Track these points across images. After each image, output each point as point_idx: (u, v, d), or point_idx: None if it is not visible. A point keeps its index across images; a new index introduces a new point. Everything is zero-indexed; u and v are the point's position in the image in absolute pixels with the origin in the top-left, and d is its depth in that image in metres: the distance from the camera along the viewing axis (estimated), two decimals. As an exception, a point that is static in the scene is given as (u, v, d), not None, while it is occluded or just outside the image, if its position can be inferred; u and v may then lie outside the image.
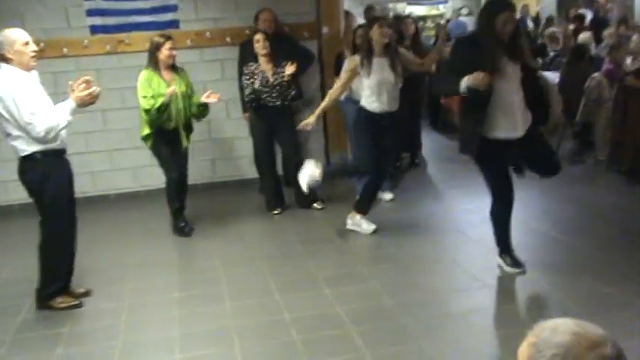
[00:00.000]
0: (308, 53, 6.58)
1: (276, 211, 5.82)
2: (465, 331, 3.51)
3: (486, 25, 3.69)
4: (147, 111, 4.97)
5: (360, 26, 6.13)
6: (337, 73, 6.10)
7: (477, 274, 4.13)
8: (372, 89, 4.91)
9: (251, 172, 6.43)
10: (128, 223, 5.86)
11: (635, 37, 7.37)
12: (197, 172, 6.55)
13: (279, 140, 5.84)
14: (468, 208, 5.49)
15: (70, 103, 3.76)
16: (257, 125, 5.74)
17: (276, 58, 5.70)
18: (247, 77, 5.54)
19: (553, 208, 5.48)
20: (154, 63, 5.07)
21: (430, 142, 8.21)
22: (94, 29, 6.29)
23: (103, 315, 3.99)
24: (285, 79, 5.52)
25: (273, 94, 5.53)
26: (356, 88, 5.28)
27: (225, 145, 6.65)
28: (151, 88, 4.99)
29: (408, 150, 7.34)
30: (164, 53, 5.05)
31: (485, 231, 4.38)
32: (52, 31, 6.11)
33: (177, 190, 5.31)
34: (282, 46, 6.23)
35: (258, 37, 5.54)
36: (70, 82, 3.80)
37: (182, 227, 5.35)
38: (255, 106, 5.60)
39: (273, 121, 5.64)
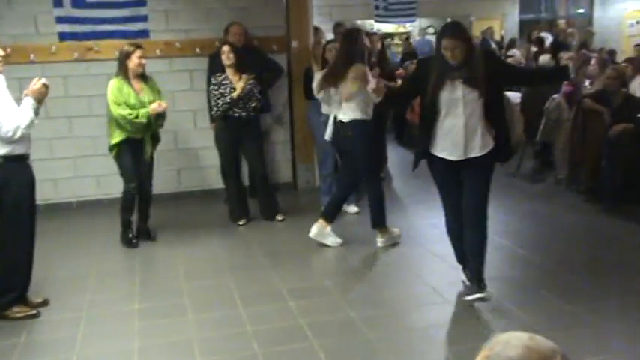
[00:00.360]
0: (277, 66, 6.63)
1: (240, 222, 5.82)
2: (427, 346, 3.55)
3: (437, 48, 3.81)
4: (124, 117, 4.95)
5: (329, 41, 6.20)
6: (306, 87, 6.17)
7: (439, 289, 4.20)
8: (370, 99, 4.79)
9: (217, 182, 6.43)
10: (90, 231, 5.78)
11: (593, 61, 7.60)
12: (163, 182, 6.52)
13: (244, 151, 5.85)
14: (432, 222, 5.56)
15: (28, 100, 3.80)
16: (222, 135, 5.75)
17: (245, 70, 5.72)
18: (215, 87, 5.56)
19: (515, 225, 5.59)
20: (123, 72, 5.05)
21: (396, 157, 8.30)
22: (63, 36, 6.25)
23: (61, 326, 3.92)
24: (235, 94, 5.51)
25: (239, 106, 5.56)
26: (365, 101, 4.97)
27: (191, 155, 6.63)
28: (122, 96, 4.97)
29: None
30: (134, 62, 5.03)
31: (448, 246, 4.45)
32: (19, 37, 6.05)
33: (134, 201, 5.29)
34: (251, 59, 6.27)
35: (225, 48, 5.57)
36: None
37: (130, 239, 5.31)
38: (221, 116, 5.60)
39: (238, 131, 5.65)
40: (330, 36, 7.91)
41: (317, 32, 7.19)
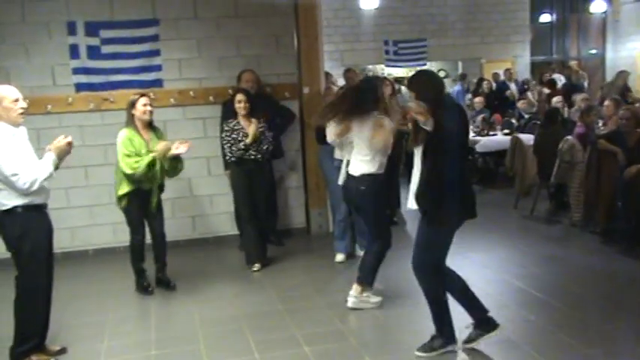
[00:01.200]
0: (289, 113, 6.72)
1: (255, 267, 5.80)
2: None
3: None
4: (134, 169, 4.95)
5: (342, 87, 6.29)
6: (318, 132, 6.23)
7: (459, 335, 4.13)
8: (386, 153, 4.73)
9: (231, 228, 6.46)
10: (106, 279, 5.80)
11: (607, 102, 7.62)
12: (177, 228, 6.56)
13: (254, 195, 5.83)
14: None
15: (49, 155, 3.86)
16: (238, 179, 5.76)
17: (255, 115, 5.82)
18: (228, 134, 5.62)
19: (531, 268, 5.54)
20: (132, 121, 5.09)
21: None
22: (79, 87, 6.39)
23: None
24: (249, 140, 5.56)
25: (252, 149, 5.61)
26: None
27: (205, 201, 6.68)
28: (133, 147, 5.00)
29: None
30: (139, 109, 5.05)
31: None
32: (36, 89, 6.19)
33: (142, 251, 5.30)
34: (264, 105, 6.37)
35: (240, 97, 5.64)
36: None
37: (145, 286, 5.31)
38: (235, 161, 5.65)
39: (252, 174, 5.70)
40: (341, 81, 8.05)
41: (328, 77, 7.31)
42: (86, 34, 6.34)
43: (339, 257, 5.98)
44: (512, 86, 13.09)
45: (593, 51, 16.48)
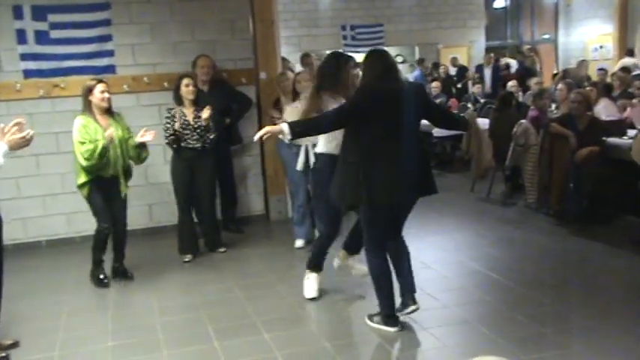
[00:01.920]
0: (245, 99, 6.66)
1: (186, 258, 5.74)
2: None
3: None
4: (87, 158, 4.82)
5: (299, 73, 6.26)
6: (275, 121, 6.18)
7: (414, 317, 4.18)
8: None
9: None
10: (61, 270, 5.68)
11: (560, 86, 7.77)
12: (134, 217, 6.42)
13: (197, 183, 5.77)
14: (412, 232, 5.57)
15: (2, 147, 3.68)
16: (177, 166, 5.66)
17: (215, 103, 5.74)
18: (168, 119, 5.51)
19: (487, 249, 5.64)
20: (88, 108, 4.97)
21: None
22: (28, 73, 6.20)
23: (32, 367, 3.83)
24: (204, 122, 5.51)
25: (194, 137, 5.53)
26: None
27: (162, 189, 6.58)
28: (88, 134, 4.87)
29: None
30: (96, 96, 4.93)
31: (423, 274, 4.46)
32: (-18, 75, 5.99)
33: (106, 241, 5.17)
34: (220, 91, 6.30)
35: (188, 81, 5.53)
36: (1, 126, 3.71)
37: (101, 278, 5.19)
38: (175, 147, 5.55)
39: (193, 162, 5.60)
40: (298, 67, 8.01)
41: (284, 63, 7.26)
42: (33, 19, 6.13)
43: (299, 243, 5.97)
44: (487, 71, 13.20)
45: (546, 36, 16.79)
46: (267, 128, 3.85)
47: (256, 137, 3.80)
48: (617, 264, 5.12)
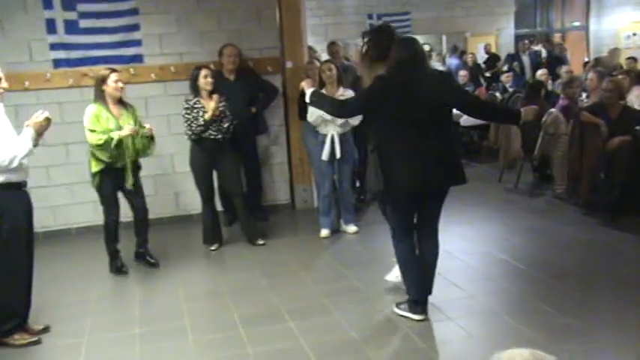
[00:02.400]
0: (272, 88, 6.66)
1: (212, 247, 5.76)
2: (428, 363, 3.53)
3: None
4: (99, 146, 4.85)
5: (325, 61, 6.24)
6: (301, 107, 6.18)
7: (440, 307, 4.17)
8: None
9: (217, 204, 6.42)
10: (89, 257, 5.75)
11: (591, 75, 7.63)
12: (160, 205, 6.52)
13: (220, 174, 5.77)
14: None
15: (28, 131, 3.79)
16: (196, 158, 5.62)
17: (241, 92, 5.73)
18: (188, 111, 5.45)
19: (514, 240, 5.58)
20: (101, 97, 4.96)
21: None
22: (57, 63, 6.27)
23: (62, 352, 3.90)
24: (214, 113, 5.41)
25: (214, 127, 5.50)
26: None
27: (189, 178, 6.61)
28: (100, 124, 4.87)
29: (372, 183, 7.41)
30: (110, 86, 4.93)
31: (448, 264, 4.44)
32: (13, 65, 6.05)
33: (116, 231, 5.22)
34: (246, 80, 6.30)
35: (206, 72, 5.47)
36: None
37: (119, 267, 5.25)
38: (195, 139, 5.52)
39: (214, 153, 5.58)
40: (324, 55, 7.98)
41: (311, 52, 7.24)
42: (63, 8, 6.20)
43: (324, 232, 5.98)
44: (525, 58, 13.00)
45: (577, 23, 16.48)
46: (303, 84, 4.20)
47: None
48: (648, 255, 5.03)
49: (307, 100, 4.12)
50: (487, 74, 12.99)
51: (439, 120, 3.83)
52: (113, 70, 5.03)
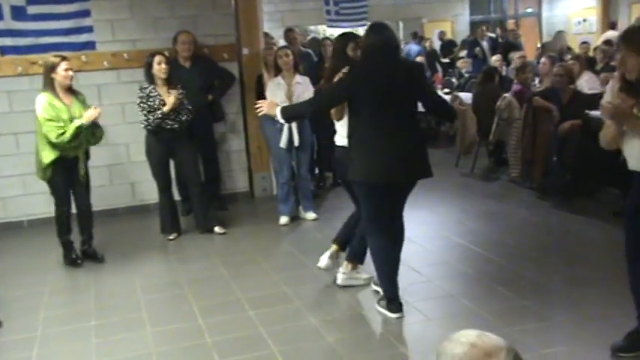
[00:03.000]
0: (228, 75, 6.59)
1: (171, 237, 5.71)
2: (387, 347, 3.56)
3: None
4: (57, 136, 4.70)
5: (282, 47, 6.20)
6: (258, 94, 6.14)
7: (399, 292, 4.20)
8: None
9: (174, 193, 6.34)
10: (42, 250, 5.62)
11: (543, 60, 7.77)
12: (117, 195, 6.42)
13: (177, 163, 5.71)
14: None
15: None
16: (154, 148, 5.53)
17: (196, 79, 5.65)
18: (143, 100, 5.33)
19: (470, 224, 5.66)
20: (50, 85, 4.79)
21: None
22: (5, 50, 6.08)
23: (15, 347, 3.81)
24: (173, 107, 5.31)
25: (171, 117, 5.38)
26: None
27: (144, 167, 6.51)
28: (54, 112, 4.72)
29: (331, 169, 7.42)
30: (60, 74, 4.76)
31: (406, 249, 4.44)
32: (-42, 52, 5.87)
33: (68, 222, 5.10)
34: (202, 67, 6.22)
35: (160, 58, 5.34)
36: None
37: (74, 259, 5.14)
38: (151, 130, 5.41)
39: (170, 143, 5.50)
40: (281, 42, 7.92)
41: (267, 38, 7.18)
42: (10, -6, 6.01)
43: (283, 220, 5.97)
44: (484, 44, 13.12)
45: (530, 10, 16.75)
46: (264, 110, 3.98)
47: (260, 113, 4.04)
48: (599, 236, 5.16)
49: (281, 121, 4.04)
50: (444, 60, 13.11)
51: (409, 110, 3.77)
52: (63, 58, 4.87)
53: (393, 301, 3.90)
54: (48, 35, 6.13)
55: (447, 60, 13.14)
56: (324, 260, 4.52)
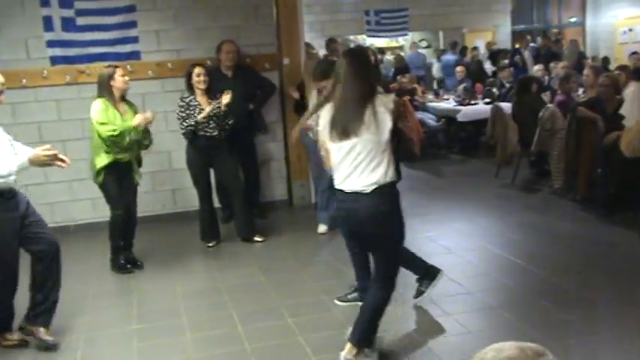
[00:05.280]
0: (269, 84, 6.65)
1: (210, 244, 5.78)
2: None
3: None
4: (111, 137, 4.84)
5: (325, 56, 6.23)
6: (297, 104, 6.19)
7: (438, 302, 4.18)
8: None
9: (214, 201, 6.42)
10: (87, 254, 5.76)
11: (586, 71, 7.64)
12: (158, 202, 6.54)
13: (218, 172, 5.79)
14: (428, 235, 5.55)
15: (22, 158, 3.67)
16: (193, 156, 5.61)
17: (238, 88, 5.73)
18: (182, 109, 5.45)
19: (511, 236, 5.59)
20: (109, 93, 4.95)
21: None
22: (54, 60, 6.26)
23: (61, 349, 3.89)
24: (222, 108, 5.45)
25: (211, 125, 5.48)
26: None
27: (186, 175, 6.61)
28: (107, 117, 4.87)
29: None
30: (118, 80, 4.94)
31: (446, 258, 4.44)
32: (10, 62, 6.06)
33: (123, 227, 5.20)
34: (244, 77, 6.30)
35: (199, 70, 5.47)
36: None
37: (123, 264, 5.23)
38: (190, 138, 5.51)
39: (210, 151, 5.57)
40: (322, 52, 7.97)
41: (308, 48, 7.23)
42: (60, 6, 6.19)
43: (322, 228, 5.98)
44: (526, 53, 13.01)
45: (574, 19, 16.49)
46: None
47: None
48: (645, 250, 5.04)
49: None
50: (492, 68, 12.97)
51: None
52: (117, 66, 5.06)
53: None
54: (95, 45, 6.30)
55: (494, 68, 13.00)
56: None
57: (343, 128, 3.14)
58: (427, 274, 4.15)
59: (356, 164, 3.18)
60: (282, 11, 6.76)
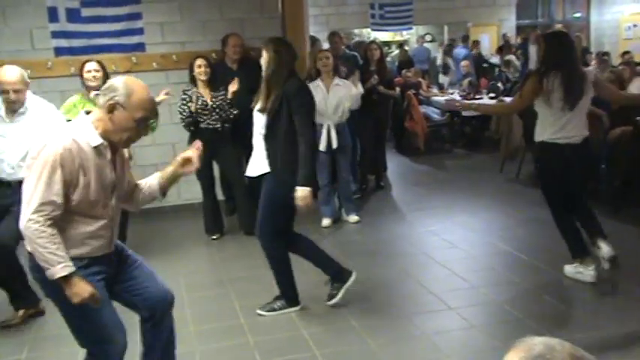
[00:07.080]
0: (274, 77, 6.62)
1: (214, 236, 5.79)
2: (431, 354, 3.53)
3: None
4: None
5: (323, 50, 6.24)
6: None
7: (441, 296, 4.18)
8: None
9: (218, 193, 6.42)
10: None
11: (590, 68, 7.61)
12: (162, 194, 6.50)
13: (221, 164, 5.80)
14: (432, 230, 5.55)
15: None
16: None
17: (244, 81, 5.72)
18: (184, 101, 5.48)
19: (515, 230, 5.58)
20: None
21: (395, 165, 8.31)
22: (59, 51, 6.25)
23: (61, 341, 3.90)
24: (230, 96, 5.52)
25: (213, 117, 5.50)
26: None
27: (190, 167, 6.64)
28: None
29: (373, 173, 7.42)
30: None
31: (450, 254, 4.43)
32: (15, 53, 6.05)
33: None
34: (249, 70, 6.27)
35: (200, 62, 5.52)
36: None
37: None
38: (192, 129, 5.52)
39: (213, 144, 5.53)
40: (325, 45, 7.95)
41: (315, 42, 7.22)
42: (65, -4, 6.19)
43: (325, 222, 5.98)
44: (531, 48, 12.94)
45: (578, 15, 16.43)
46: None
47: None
48: (650, 246, 5.03)
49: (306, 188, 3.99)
50: (495, 62, 12.92)
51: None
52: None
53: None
54: (100, 37, 6.29)
55: (497, 61, 12.94)
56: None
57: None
58: (338, 276, 4.19)
59: None
60: (288, 4, 6.74)
